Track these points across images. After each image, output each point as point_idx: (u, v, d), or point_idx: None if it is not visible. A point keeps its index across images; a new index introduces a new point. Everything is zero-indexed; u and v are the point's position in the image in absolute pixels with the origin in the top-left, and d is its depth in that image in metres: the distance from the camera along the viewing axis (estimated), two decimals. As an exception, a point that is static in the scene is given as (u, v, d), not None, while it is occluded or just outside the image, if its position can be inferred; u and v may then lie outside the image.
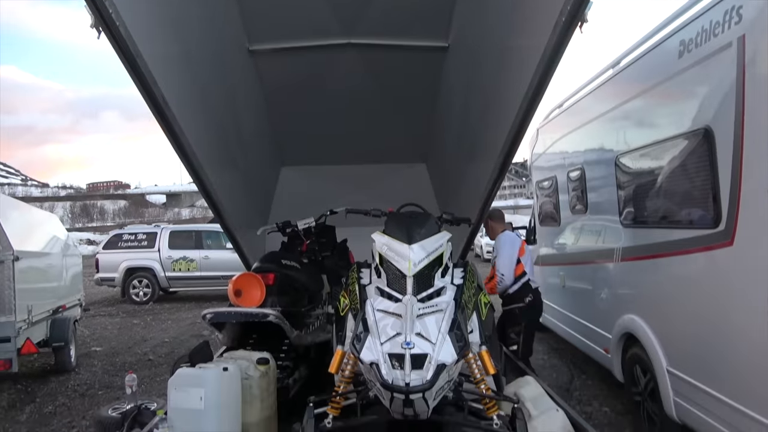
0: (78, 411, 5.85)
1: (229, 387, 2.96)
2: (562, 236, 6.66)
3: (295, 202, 5.99)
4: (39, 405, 6.12)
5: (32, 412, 5.88)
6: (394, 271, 2.76)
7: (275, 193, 6.42)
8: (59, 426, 5.43)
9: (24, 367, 7.48)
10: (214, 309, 3.56)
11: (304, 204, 5.41)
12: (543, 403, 3.04)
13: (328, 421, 2.67)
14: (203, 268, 13.37)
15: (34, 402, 6.23)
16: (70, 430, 5.30)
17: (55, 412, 5.86)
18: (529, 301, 5.24)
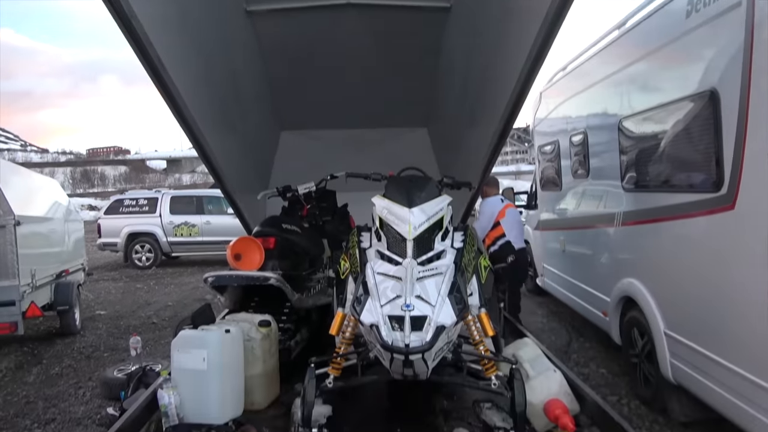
0: (84, 372, 5.97)
1: (232, 348, 3.00)
2: (564, 201, 6.66)
3: (295, 166, 5.95)
4: (46, 366, 6.23)
5: (39, 374, 6.00)
6: (394, 235, 2.77)
7: (275, 158, 6.38)
8: (66, 387, 5.55)
9: (30, 330, 7.60)
10: (215, 272, 3.58)
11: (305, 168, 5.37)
12: (541, 364, 3.08)
13: (329, 381, 2.71)
14: (205, 233, 13.43)
15: (40, 364, 6.34)
16: (77, 391, 5.41)
17: (62, 374, 5.97)
18: (511, 261, 5.52)
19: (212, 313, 3.32)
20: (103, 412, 4.72)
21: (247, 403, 3.14)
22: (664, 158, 4.10)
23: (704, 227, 3.58)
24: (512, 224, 5.77)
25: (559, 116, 6.90)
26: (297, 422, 2.70)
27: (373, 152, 5.85)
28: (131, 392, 4.40)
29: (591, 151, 5.68)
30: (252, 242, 3.73)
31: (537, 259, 8.07)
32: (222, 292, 3.82)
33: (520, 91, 3.79)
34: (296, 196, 4.65)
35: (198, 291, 10.26)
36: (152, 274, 12.79)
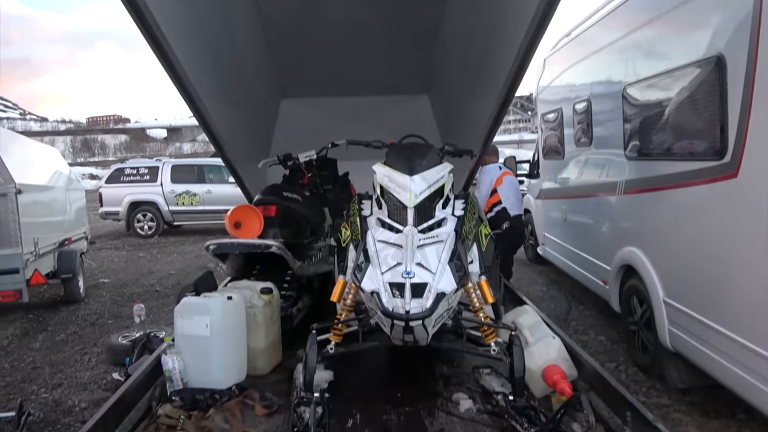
0: (89, 339, 6.05)
1: (234, 315, 3.04)
2: (566, 170, 6.64)
3: (296, 134, 5.92)
4: (51, 333, 6.32)
5: (45, 340, 6.09)
6: (394, 203, 2.76)
7: (276, 126, 6.34)
8: (72, 353, 5.64)
9: (35, 297, 7.68)
10: (217, 240, 3.59)
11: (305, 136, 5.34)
12: (540, 330, 3.12)
13: (330, 347, 2.75)
14: (206, 202, 13.45)
15: (46, 330, 6.43)
16: (83, 357, 5.50)
17: (67, 340, 6.06)
18: (506, 227, 5.68)
19: (214, 281, 3.34)
20: (109, 378, 4.81)
21: (250, 369, 3.19)
22: (667, 126, 4.06)
23: (706, 195, 3.57)
24: (509, 191, 5.85)
25: (562, 83, 6.81)
26: (299, 387, 2.74)
27: (374, 120, 5.81)
28: (136, 358, 4.47)
29: (594, 119, 5.63)
30: (251, 210, 3.74)
31: (538, 228, 8.09)
32: (224, 260, 3.84)
33: (523, 57, 3.74)
34: (297, 165, 4.64)
35: (201, 259, 10.33)
36: (155, 243, 12.85)
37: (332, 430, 2.52)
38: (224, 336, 2.96)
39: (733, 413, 3.86)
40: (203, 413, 2.70)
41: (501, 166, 6.07)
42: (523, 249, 9.00)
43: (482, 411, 2.72)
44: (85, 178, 32.91)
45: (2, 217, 6.13)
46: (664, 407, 4.03)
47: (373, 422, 2.62)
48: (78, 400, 4.48)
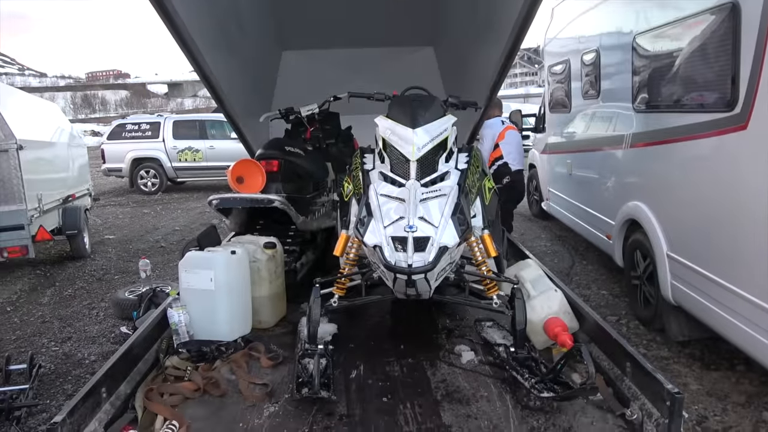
0: (96, 294, 6.15)
1: (238, 269, 3.06)
2: (572, 124, 6.56)
3: (297, 87, 5.84)
4: (59, 288, 6.42)
5: (53, 295, 6.19)
6: (397, 156, 2.74)
7: (277, 79, 6.25)
8: (80, 307, 5.73)
9: (41, 254, 7.77)
10: (219, 195, 3.59)
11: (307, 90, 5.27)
12: (542, 284, 3.13)
13: (333, 301, 2.78)
14: (209, 159, 13.41)
15: (54, 286, 6.53)
16: (90, 311, 5.60)
17: (75, 295, 6.16)
18: (506, 182, 5.70)
19: (218, 235, 3.35)
20: (117, 331, 4.91)
21: (255, 322, 3.24)
22: (677, 77, 3.98)
23: (714, 148, 3.52)
24: (511, 146, 5.81)
25: (570, 34, 6.66)
26: (303, 339, 2.78)
27: (377, 72, 5.73)
28: (143, 312, 4.55)
29: (603, 72, 5.52)
30: (253, 164, 3.72)
31: (543, 183, 8.05)
32: (227, 215, 3.85)
33: (530, 6, 3.64)
34: (299, 119, 4.59)
35: (204, 216, 10.38)
36: (158, 200, 12.90)
37: (336, 381, 2.57)
38: (228, 290, 2.99)
39: (732, 365, 3.92)
40: (210, 365, 2.75)
41: (504, 120, 5.99)
42: (527, 204, 9.01)
43: (484, 362, 2.76)
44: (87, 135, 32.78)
45: (5, 173, 6.13)
46: (663, 359, 4.09)
47: (376, 373, 2.67)
48: (87, 353, 4.58)
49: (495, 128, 5.87)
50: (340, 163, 4.66)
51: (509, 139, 5.83)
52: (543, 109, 8.07)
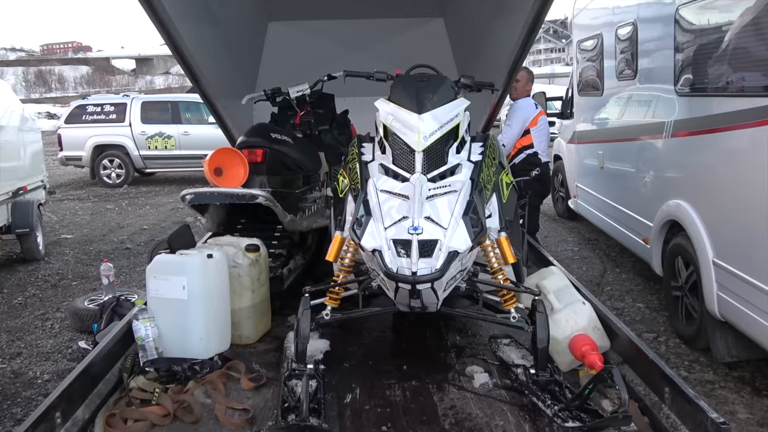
0: (51, 302, 6.15)
1: (215, 275, 3.06)
2: (605, 108, 6.56)
3: (286, 64, 5.84)
4: (7, 296, 6.42)
5: (0, 304, 6.19)
6: (400, 146, 2.74)
7: (262, 55, 6.25)
8: (32, 318, 5.74)
9: (-13, 255, 7.78)
10: (194, 189, 3.59)
11: (297, 67, 5.27)
12: (568, 295, 3.13)
13: (326, 313, 2.78)
14: (183, 146, 13.40)
15: (1, 293, 6.53)
16: (44, 323, 5.60)
17: (26, 304, 6.16)
18: (536, 174, 5.58)
19: (192, 236, 3.37)
20: (74, 346, 4.91)
21: (235, 337, 3.24)
22: (728, 54, 3.97)
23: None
24: (543, 134, 5.69)
25: (603, 4, 6.65)
26: (290, 358, 2.79)
27: (378, 48, 5.73)
28: (104, 324, 4.55)
29: (640, 48, 5.52)
30: (234, 154, 3.72)
31: (570, 177, 8.05)
32: (203, 213, 3.85)
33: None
34: (287, 101, 4.59)
35: (177, 213, 10.39)
36: (124, 193, 12.91)
37: (327, 406, 2.57)
38: (204, 299, 3.00)
39: (788, 390, 3.93)
40: (181, 386, 2.76)
41: (537, 103, 5.88)
42: (551, 201, 9.01)
43: (499, 386, 2.76)
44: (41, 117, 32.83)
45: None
46: (708, 383, 4.09)
47: (374, 398, 2.67)
48: (40, 371, 4.59)
49: (528, 112, 5.67)
50: (335, 154, 4.65)
51: (541, 126, 5.67)
52: (571, 91, 8.06)
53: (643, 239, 5.34)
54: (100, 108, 13.85)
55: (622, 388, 2.29)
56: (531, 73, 5.90)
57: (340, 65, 4.12)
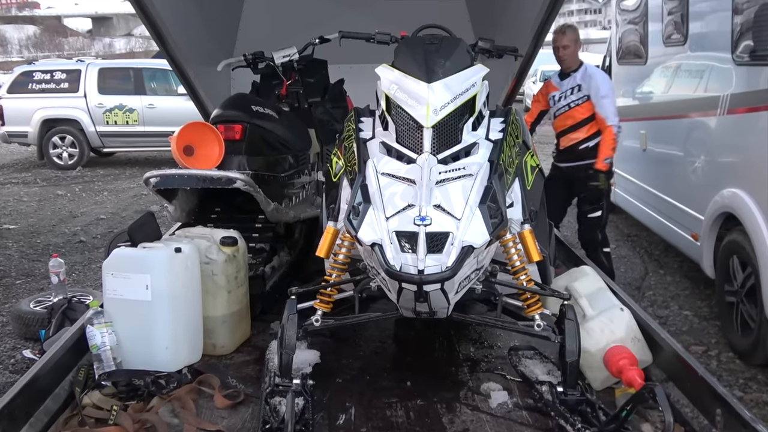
0: (-9, 304, 6.15)
1: (184, 273, 3.06)
2: (648, 80, 6.54)
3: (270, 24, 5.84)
4: (-61, 296, 6.42)
5: (-70, 306, 6.19)
6: (406, 121, 2.73)
7: (242, 13, 6.24)
8: (-32, 323, 5.74)
9: None
10: (160, 171, 3.58)
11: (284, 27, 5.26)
12: (603, 300, 3.13)
13: (315, 319, 2.78)
14: (147, 122, 13.37)
15: (-69, 293, 6.53)
16: (-17, 328, 5.60)
17: (-39, 306, 6.16)
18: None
19: (157, 227, 3.36)
20: (18, 356, 4.91)
21: (208, 346, 3.25)
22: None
23: None
24: None
25: (648, -44, 6.62)
26: (273, 371, 2.79)
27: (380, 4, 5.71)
28: (53, 330, 4.55)
29: (692, 9, 5.50)
30: (207, 130, 3.71)
31: (607, 161, 8.04)
32: (170, 199, 3.85)
33: None
34: (272, 68, 4.58)
35: (141, 200, 10.39)
36: (78, 177, 12.90)
37: (317, 428, 2.57)
38: (171, 301, 2.99)
39: None
40: (144, 403, 2.76)
41: None
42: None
43: (521, 406, 2.76)
44: (-19, 86, 32.72)
45: None
46: (767, 405, 4.09)
47: (372, 419, 2.68)
48: (-23, 385, 4.59)
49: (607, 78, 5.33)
50: (328, 130, 4.65)
51: None
52: (609, 60, 8.05)
53: (692, 235, 5.33)
54: (49, 75, 13.80)
55: (666, 409, 2.29)
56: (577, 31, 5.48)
57: (334, 26, 4.10)
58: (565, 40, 5.06)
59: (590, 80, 5.05)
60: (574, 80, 5.09)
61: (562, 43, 5.06)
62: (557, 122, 5.28)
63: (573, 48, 5.12)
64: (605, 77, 5.27)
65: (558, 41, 5.09)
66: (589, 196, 5.12)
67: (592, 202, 5.12)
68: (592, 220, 5.14)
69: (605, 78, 5.25)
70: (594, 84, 5.03)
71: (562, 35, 5.06)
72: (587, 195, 5.13)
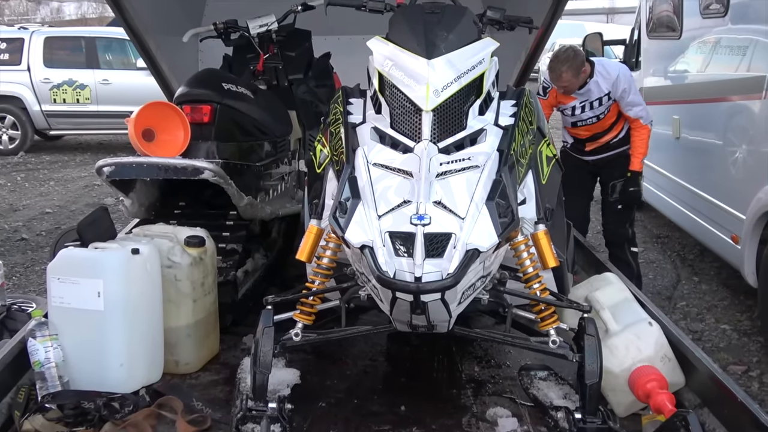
0: None
1: (143, 278, 3.04)
2: (683, 57, 6.55)
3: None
4: None
5: None
6: (402, 103, 2.73)
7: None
8: None
9: None
10: (116, 159, 3.57)
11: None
12: (629, 312, 3.14)
13: (295, 332, 2.77)
14: (101, 100, 13.33)
15: None
16: None
17: None
18: None
19: (111, 223, 3.34)
20: (-51, 372, 4.90)
21: (170, 364, 3.24)
22: None
23: None
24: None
25: None
26: (245, 393, 2.79)
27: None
28: (-10, 344, 4.54)
29: (734, -26, 5.51)
30: (171, 111, 3.69)
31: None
32: (127, 192, 3.84)
33: None
34: (247, 39, 4.57)
35: (93, 192, 10.36)
36: (19, 164, 12.86)
37: (296, 459, 2.57)
38: (127, 311, 2.98)
39: None
40: (94, 430, 2.75)
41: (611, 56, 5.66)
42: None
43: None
44: None
45: None
46: (817, 435, 4.11)
47: (360, 449, 2.68)
48: None
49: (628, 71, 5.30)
50: (311, 113, 4.65)
51: None
52: (637, 32, 8.06)
53: (731, 237, 5.34)
54: (-14, 45, 13.76)
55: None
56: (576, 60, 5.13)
57: (318, -9, 4.10)
58: (563, 81, 4.91)
59: (617, 85, 4.99)
60: (598, 88, 4.99)
61: (561, 83, 4.94)
62: (581, 131, 5.25)
63: (575, 80, 4.94)
64: (627, 74, 5.15)
65: (555, 81, 4.97)
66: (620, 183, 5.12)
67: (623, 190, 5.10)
68: (622, 209, 5.16)
69: (627, 75, 5.13)
70: (620, 88, 4.99)
71: (559, 77, 4.89)
72: (617, 183, 5.14)
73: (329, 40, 5.01)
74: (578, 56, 4.88)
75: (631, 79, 5.15)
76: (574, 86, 4.95)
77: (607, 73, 4.99)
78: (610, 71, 5.03)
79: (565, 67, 4.80)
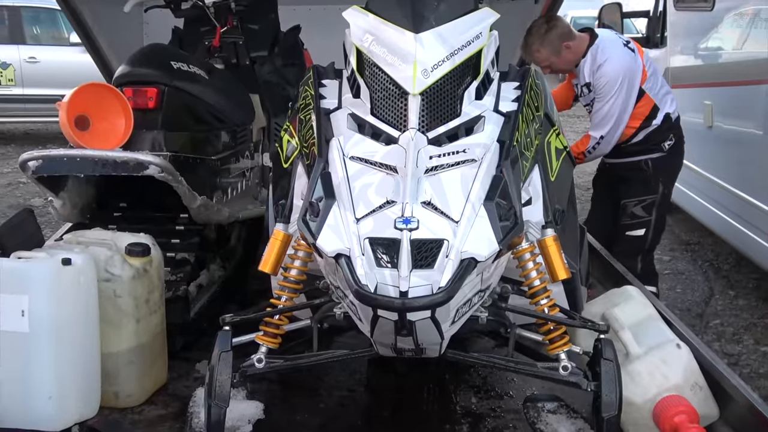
0: None
1: (75, 294, 3.01)
2: (716, 31, 6.60)
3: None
4: None
5: None
6: (385, 85, 2.74)
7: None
8: None
9: None
10: (43, 152, 3.56)
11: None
12: (654, 333, 3.15)
13: (258, 358, 2.76)
14: (27, 82, 13.32)
15: None
16: None
17: None
18: (670, 146, 5.11)
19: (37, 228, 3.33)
20: None
21: (108, 396, 3.23)
22: None
23: None
24: (657, 79, 5.32)
25: None
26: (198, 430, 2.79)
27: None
28: None
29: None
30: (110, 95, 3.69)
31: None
32: (57, 191, 3.83)
33: None
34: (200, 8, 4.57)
35: (17, 191, 10.34)
36: (-70, 157, 12.83)
37: None
38: (56, 333, 2.96)
39: None
40: (18, 475, 2.74)
41: (627, 40, 5.52)
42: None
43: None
44: None
45: None
46: None
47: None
48: None
49: (629, 63, 4.97)
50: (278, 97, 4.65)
51: (652, 73, 5.33)
52: (663, 3, 8.10)
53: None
54: None
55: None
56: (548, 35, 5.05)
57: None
58: (540, 61, 4.83)
59: (599, 77, 4.83)
60: (581, 74, 4.89)
61: (540, 63, 4.83)
62: None
63: (556, 58, 4.86)
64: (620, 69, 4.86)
65: (531, 60, 4.87)
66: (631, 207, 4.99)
67: (633, 214, 5.01)
68: (630, 239, 5.03)
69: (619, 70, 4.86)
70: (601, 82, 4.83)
71: (531, 55, 4.84)
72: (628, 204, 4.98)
73: (299, 11, 5.02)
74: (553, 29, 4.76)
75: (615, 70, 4.86)
76: (562, 65, 4.90)
77: (596, 57, 4.82)
78: (599, 55, 4.84)
79: (537, 44, 4.74)
